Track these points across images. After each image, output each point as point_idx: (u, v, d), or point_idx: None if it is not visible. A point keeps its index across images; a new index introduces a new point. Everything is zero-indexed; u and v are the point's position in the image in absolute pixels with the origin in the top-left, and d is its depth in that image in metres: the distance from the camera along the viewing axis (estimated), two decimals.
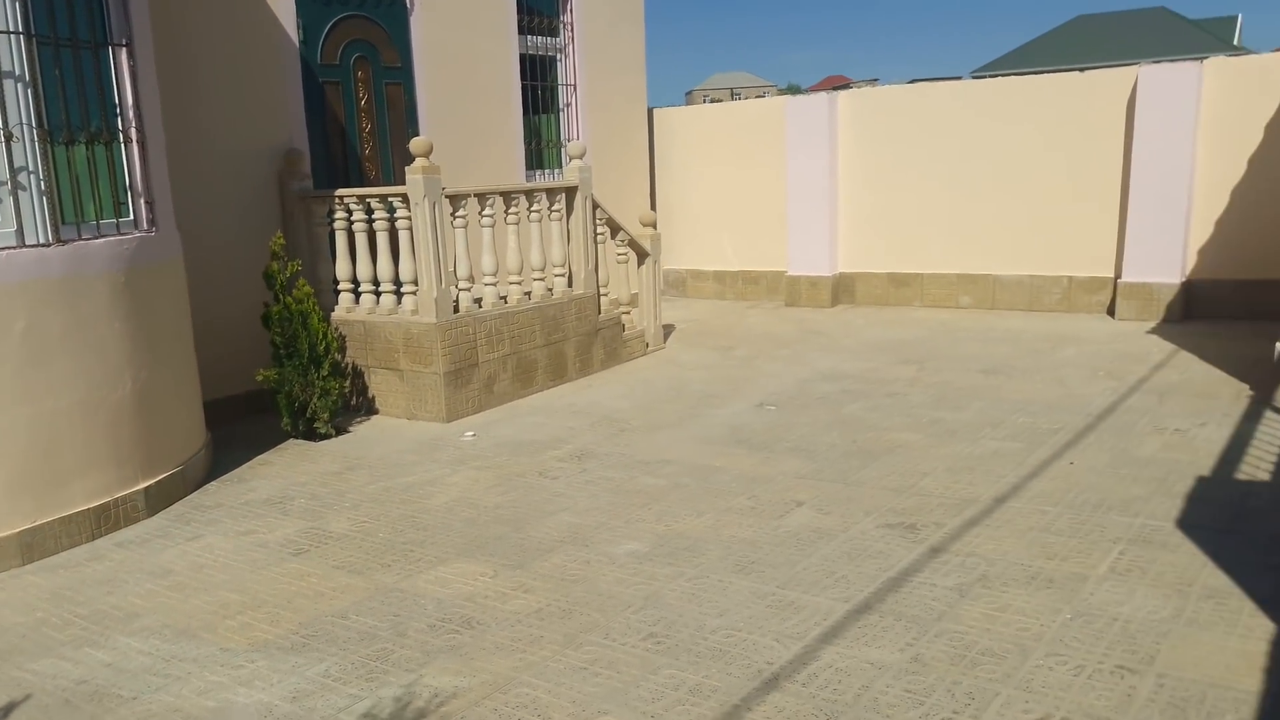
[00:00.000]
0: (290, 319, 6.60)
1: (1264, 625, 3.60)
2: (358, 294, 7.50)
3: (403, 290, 7.25)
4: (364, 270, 7.40)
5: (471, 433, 6.78)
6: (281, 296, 6.63)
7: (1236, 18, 40.55)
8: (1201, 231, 9.35)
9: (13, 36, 4.70)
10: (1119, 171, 9.63)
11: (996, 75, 35.14)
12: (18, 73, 4.73)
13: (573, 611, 4.01)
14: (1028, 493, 5.10)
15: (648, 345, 9.08)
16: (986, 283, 10.45)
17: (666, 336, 9.63)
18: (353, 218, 7.35)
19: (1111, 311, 9.75)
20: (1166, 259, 9.34)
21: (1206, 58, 9.67)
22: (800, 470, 5.65)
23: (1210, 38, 35.59)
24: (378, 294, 7.40)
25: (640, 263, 9.08)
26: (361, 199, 7.29)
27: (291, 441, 6.76)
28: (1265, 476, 5.17)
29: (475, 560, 4.60)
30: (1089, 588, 3.98)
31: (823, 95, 11.24)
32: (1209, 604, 3.79)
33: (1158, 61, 10.26)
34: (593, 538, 4.79)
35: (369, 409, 7.40)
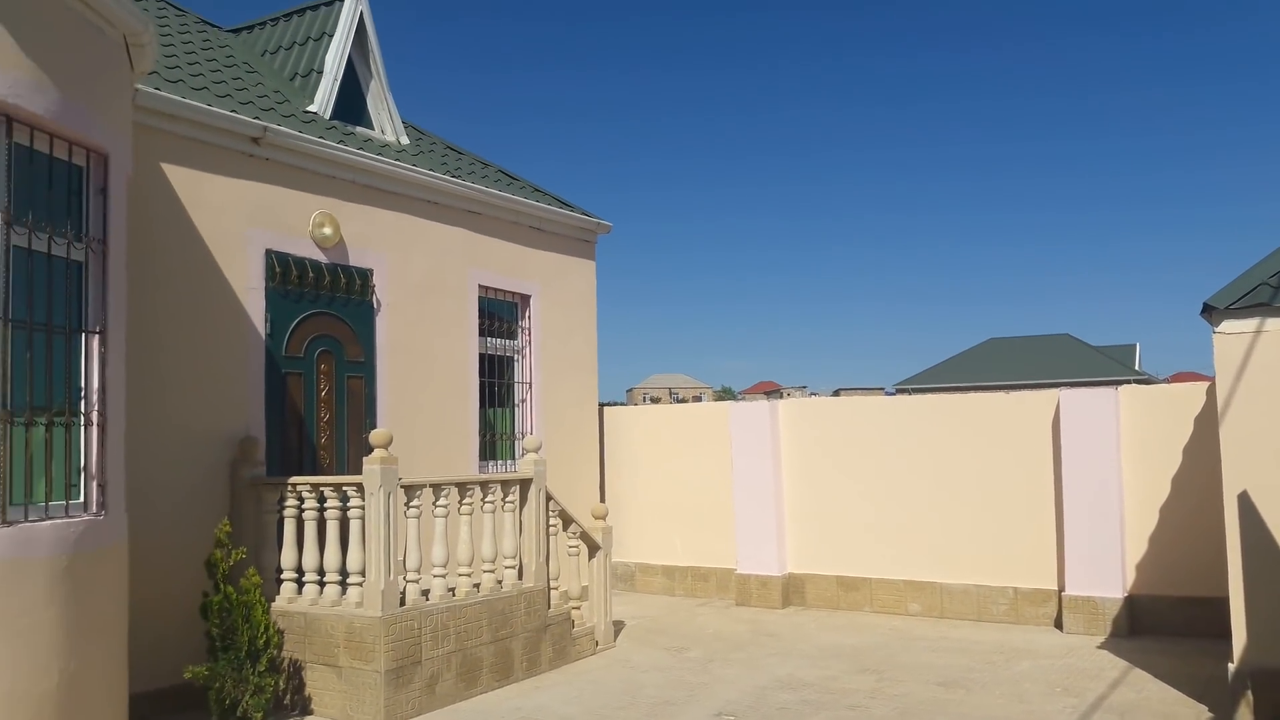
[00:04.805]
0: (231, 610, 6.31)
1: None
2: (301, 584, 7.23)
3: (348, 581, 7.01)
4: (310, 559, 7.18)
5: None
6: (222, 586, 6.37)
7: (1135, 345, 44.08)
8: (1137, 547, 9.57)
9: None
10: (1051, 486, 9.96)
11: (921, 389, 37.13)
12: None
13: None
14: None
15: (597, 644, 8.76)
16: (934, 590, 10.45)
17: (617, 634, 9.32)
18: (304, 505, 7.24)
19: (1059, 624, 9.73)
20: (1107, 573, 9.47)
21: (1118, 383, 10.32)
22: None
23: (1114, 363, 38.44)
24: (321, 584, 7.15)
25: (591, 555, 8.97)
26: (315, 487, 7.23)
27: None
28: None
29: None
30: None
31: (764, 402, 11.72)
32: None
33: (1073, 384, 10.94)
34: None
35: (304, 708, 6.90)
